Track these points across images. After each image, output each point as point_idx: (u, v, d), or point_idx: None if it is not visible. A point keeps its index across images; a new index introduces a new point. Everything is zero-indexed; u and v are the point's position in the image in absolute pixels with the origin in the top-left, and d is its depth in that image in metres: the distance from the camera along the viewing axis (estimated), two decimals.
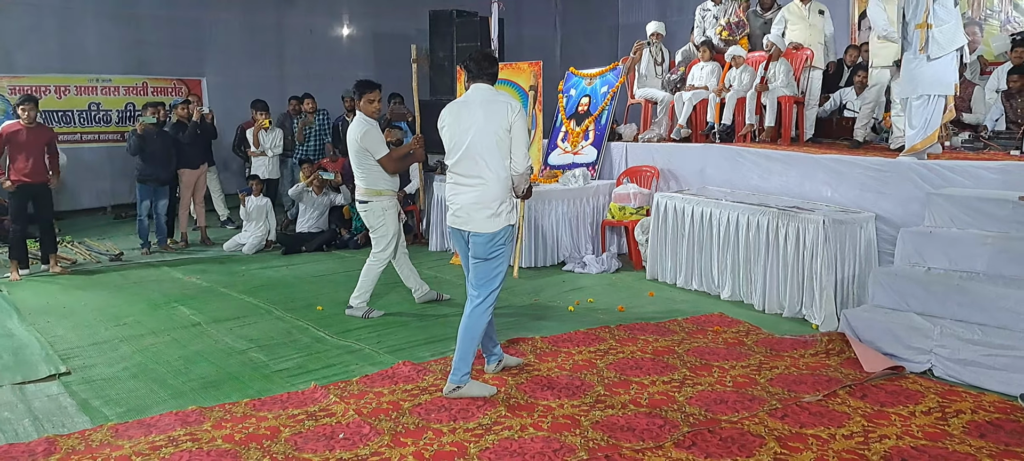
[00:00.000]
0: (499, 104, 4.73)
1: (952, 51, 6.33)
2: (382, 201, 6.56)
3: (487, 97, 4.78)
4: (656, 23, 10.16)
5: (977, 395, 4.67)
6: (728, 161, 8.19)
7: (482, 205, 4.71)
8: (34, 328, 6.39)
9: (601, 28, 16.69)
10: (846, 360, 5.24)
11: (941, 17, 6.27)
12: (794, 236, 6.46)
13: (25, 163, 8.26)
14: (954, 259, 5.62)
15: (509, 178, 4.74)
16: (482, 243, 4.75)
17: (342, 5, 15.45)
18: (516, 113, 4.68)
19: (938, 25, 6.28)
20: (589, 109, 9.89)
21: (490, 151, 4.70)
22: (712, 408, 4.49)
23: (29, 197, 8.41)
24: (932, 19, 6.29)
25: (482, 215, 4.72)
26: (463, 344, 4.76)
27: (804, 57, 8.99)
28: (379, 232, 6.64)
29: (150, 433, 4.28)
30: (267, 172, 11.03)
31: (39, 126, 8.50)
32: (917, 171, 6.42)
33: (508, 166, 4.73)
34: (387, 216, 6.59)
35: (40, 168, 8.41)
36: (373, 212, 6.58)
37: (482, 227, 4.73)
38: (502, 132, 4.68)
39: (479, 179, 4.72)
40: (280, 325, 6.42)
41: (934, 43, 6.29)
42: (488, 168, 4.70)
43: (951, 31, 6.30)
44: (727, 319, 6.38)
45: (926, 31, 6.29)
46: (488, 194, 4.71)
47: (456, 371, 4.74)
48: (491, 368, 5.16)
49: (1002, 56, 9.66)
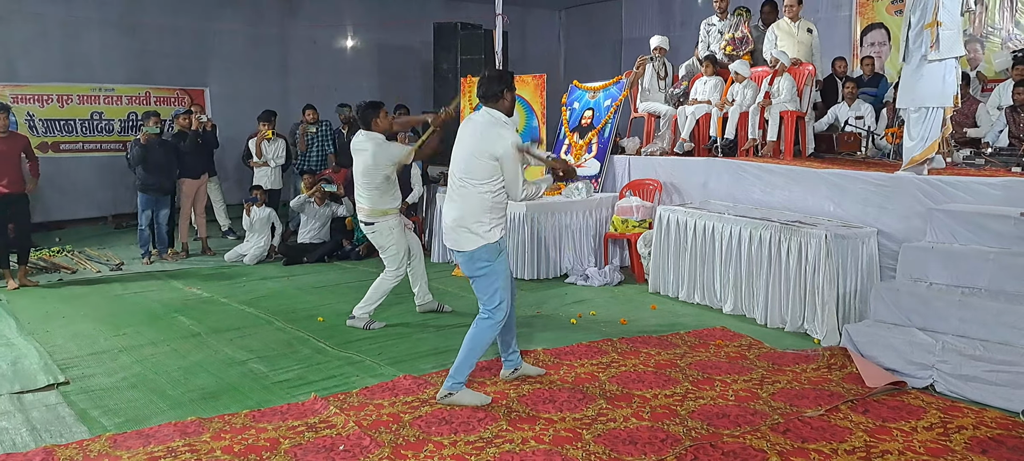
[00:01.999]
0: (494, 130, 4.76)
1: (951, 58, 6.30)
2: (387, 221, 6.59)
3: (486, 121, 4.83)
4: (659, 38, 10.17)
5: (979, 411, 4.65)
6: (731, 175, 8.18)
7: (460, 223, 4.80)
8: (33, 337, 6.38)
9: (605, 42, 16.74)
10: (848, 375, 5.22)
11: (946, 22, 6.23)
12: (796, 250, 6.45)
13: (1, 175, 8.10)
14: (956, 275, 5.61)
15: (491, 198, 4.75)
16: (464, 261, 4.85)
17: (346, 16, 15.49)
18: (505, 147, 4.68)
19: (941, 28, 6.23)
20: (592, 122, 9.90)
21: (472, 171, 4.76)
22: (714, 422, 4.48)
23: (7, 207, 8.21)
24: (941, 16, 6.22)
25: (461, 233, 4.80)
26: (464, 353, 4.79)
27: (806, 72, 9.00)
28: (389, 252, 6.66)
29: (149, 444, 4.26)
30: (270, 182, 11.03)
31: (12, 134, 8.41)
32: (919, 186, 6.41)
33: (492, 189, 4.74)
34: (394, 234, 6.62)
35: (17, 178, 8.26)
36: (380, 232, 6.61)
37: (461, 245, 4.81)
38: (486, 157, 4.71)
39: (461, 197, 4.80)
40: (281, 336, 6.41)
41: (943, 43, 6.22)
42: (469, 186, 4.76)
43: (953, 38, 6.28)
44: (729, 333, 6.36)
45: (936, 29, 6.22)
46: (467, 212, 4.77)
47: (451, 377, 4.80)
48: (505, 374, 5.20)
49: (1003, 73, 9.69)
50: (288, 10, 14.75)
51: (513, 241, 8.55)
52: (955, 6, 6.27)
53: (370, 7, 15.50)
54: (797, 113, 8.78)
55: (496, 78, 4.92)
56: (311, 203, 9.88)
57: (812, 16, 10.71)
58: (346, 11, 15.43)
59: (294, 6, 14.77)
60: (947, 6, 6.24)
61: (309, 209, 9.90)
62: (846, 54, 11.48)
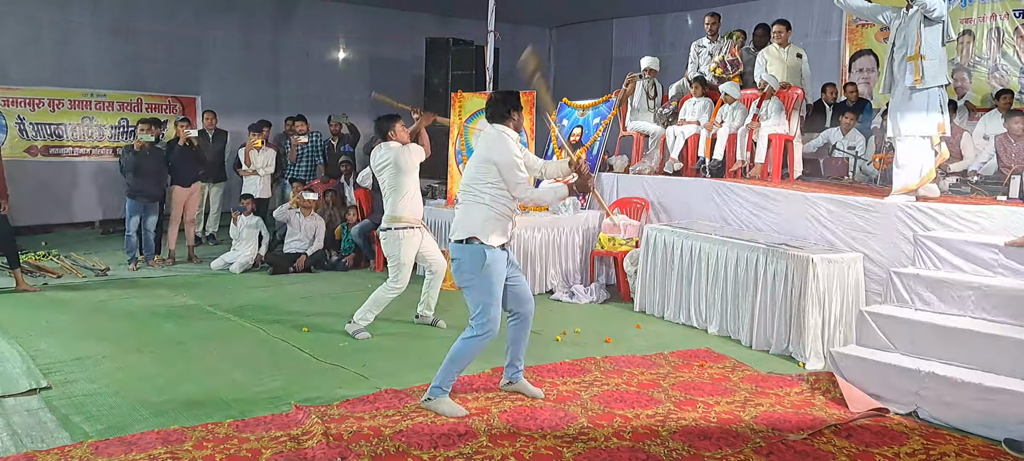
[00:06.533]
0: (498, 138, 4.92)
1: (935, 87, 6.42)
2: (397, 230, 6.66)
3: (495, 133, 4.99)
4: (650, 58, 10.24)
5: (961, 438, 4.68)
6: (719, 196, 8.22)
7: (460, 221, 4.94)
8: (16, 341, 6.32)
9: (595, 61, 16.80)
10: (832, 399, 5.24)
11: (927, 53, 6.37)
12: (782, 273, 6.48)
13: None
14: (941, 302, 5.65)
15: (491, 205, 4.86)
16: (454, 266, 5.00)
17: (339, 29, 15.51)
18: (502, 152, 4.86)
19: (923, 60, 6.37)
20: (581, 139, 9.93)
21: (476, 178, 4.92)
22: (696, 444, 4.48)
23: None
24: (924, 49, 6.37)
25: (457, 227, 4.94)
26: (445, 363, 4.92)
27: (795, 96, 9.05)
28: (393, 261, 6.73)
29: (130, 451, 4.24)
30: (258, 191, 11.03)
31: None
32: (905, 213, 6.45)
33: (493, 195, 4.85)
34: (402, 244, 6.65)
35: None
36: (389, 240, 6.70)
37: (455, 233, 4.96)
38: (488, 163, 4.87)
39: (464, 203, 4.99)
40: (265, 346, 6.39)
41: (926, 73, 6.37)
42: (473, 193, 4.92)
43: (936, 67, 6.42)
44: (713, 354, 6.37)
45: (919, 62, 6.37)
46: (468, 214, 4.92)
47: (434, 382, 4.93)
48: (503, 383, 5.28)
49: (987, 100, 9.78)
50: (281, 20, 14.76)
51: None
52: (936, 38, 6.42)
53: (363, 20, 15.52)
54: (785, 136, 8.83)
55: (500, 101, 5.05)
56: (297, 213, 9.85)
57: (801, 40, 10.79)
58: (339, 23, 15.44)
59: (287, 16, 14.78)
60: (928, 39, 6.38)
61: (294, 219, 9.87)
62: (835, 79, 11.56)
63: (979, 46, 10.60)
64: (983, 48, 10.57)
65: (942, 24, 6.42)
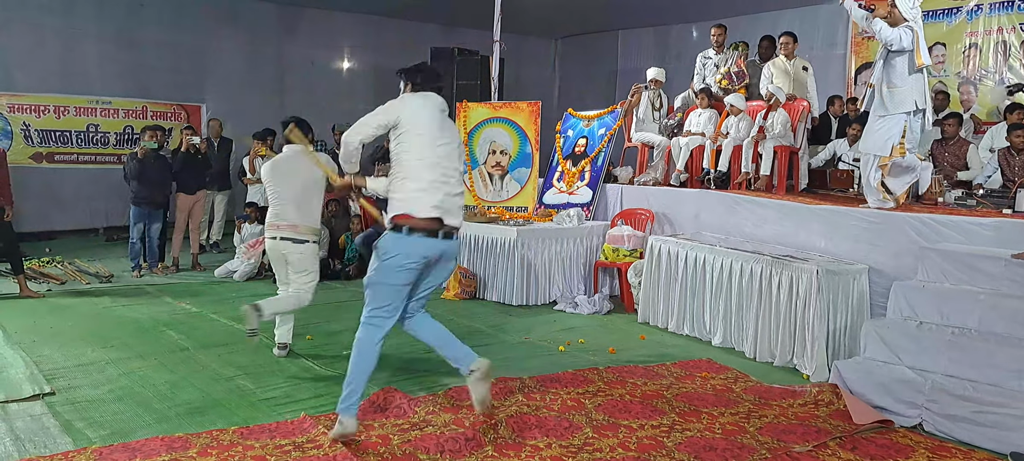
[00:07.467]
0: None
1: (899, 114, 6.70)
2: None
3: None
4: (656, 70, 10.24)
5: (967, 452, 4.66)
6: (723, 207, 8.21)
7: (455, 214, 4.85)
8: (19, 347, 6.33)
9: (600, 72, 16.84)
10: (836, 411, 5.22)
11: (894, 81, 6.68)
12: (787, 285, 6.46)
13: None
14: (946, 314, 5.63)
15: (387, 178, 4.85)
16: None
17: (343, 39, 15.56)
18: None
19: (889, 88, 6.69)
20: (586, 150, 9.94)
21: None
22: (701, 455, 4.46)
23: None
24: (881, 81, 6.75)
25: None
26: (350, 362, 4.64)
27: (801, 108, 9.06)
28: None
29: (134, 457, 4.23)
30: (263, 200, 11.02)
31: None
32: (911, 225, 6.45)
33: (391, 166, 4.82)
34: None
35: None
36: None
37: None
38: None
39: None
40: (268, 353, 6.38)
41: (880, 104, 6.78)
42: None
43: (901, 95, 6.68)
44: (716, 365, 6.35)
45: (882, 89, 6.75)
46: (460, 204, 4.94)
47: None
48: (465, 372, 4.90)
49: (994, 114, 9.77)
50: (286, 30, 14.81)
51: (503, 267, 8.55)
52: (904, 66, 6.66)
53: (368, 30, 15.57)
54: (791, 148, 8.83)
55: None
56: None
57: (807, 53, 10.81)
58: (344, 33, 15.50)
59: (292, 26, 14.83)
60: (897, 67, 6.66)
61: None
62: (841, 91, 11.58)
63: (986, 59, 10.61)
64: (990, 61, 10.58)
65: (907, 53, 6.63)
